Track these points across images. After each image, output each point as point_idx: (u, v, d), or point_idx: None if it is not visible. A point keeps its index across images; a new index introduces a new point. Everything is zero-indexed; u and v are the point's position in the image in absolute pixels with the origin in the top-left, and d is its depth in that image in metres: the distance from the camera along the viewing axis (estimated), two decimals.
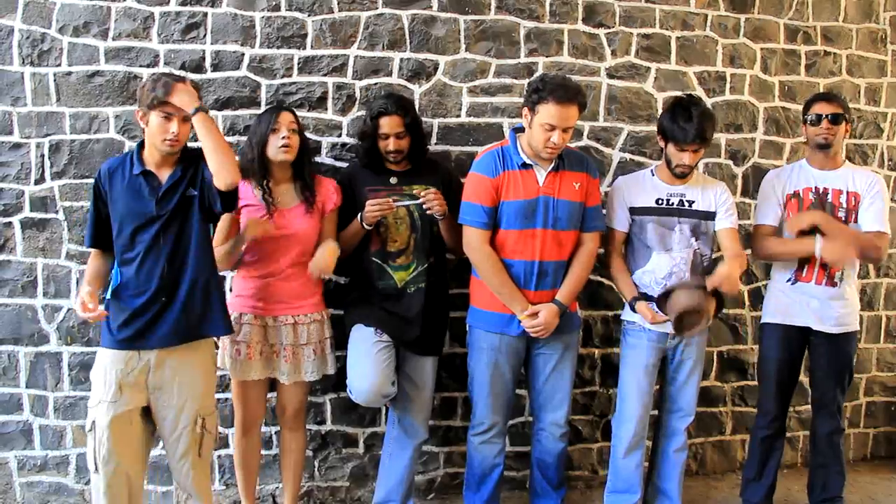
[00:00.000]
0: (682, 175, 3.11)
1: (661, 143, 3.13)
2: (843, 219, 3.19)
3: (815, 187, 3.23)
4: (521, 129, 2.98)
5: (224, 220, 2.93)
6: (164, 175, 2.64)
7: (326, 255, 2.91)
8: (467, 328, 3.18)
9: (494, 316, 3.02)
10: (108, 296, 2.67)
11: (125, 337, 2.61)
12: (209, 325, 2.72)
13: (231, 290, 3.14)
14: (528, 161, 2.92)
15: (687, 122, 2.98)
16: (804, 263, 3.22)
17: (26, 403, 3.42)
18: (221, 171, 2.53)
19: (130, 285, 2.62)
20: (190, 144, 2.68)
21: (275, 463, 3.54)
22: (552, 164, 2.93)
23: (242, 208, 2.97)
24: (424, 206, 3.01)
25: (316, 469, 3.61)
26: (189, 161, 2.67)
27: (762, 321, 3.39)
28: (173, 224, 2.62)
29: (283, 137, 2.92)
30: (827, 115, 3.16)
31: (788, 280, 3.26)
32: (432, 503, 3.70)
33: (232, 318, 2.93)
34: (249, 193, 2.97)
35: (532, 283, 2.96)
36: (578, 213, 3.01)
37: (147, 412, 2.68)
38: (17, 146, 3.33)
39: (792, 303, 3.25)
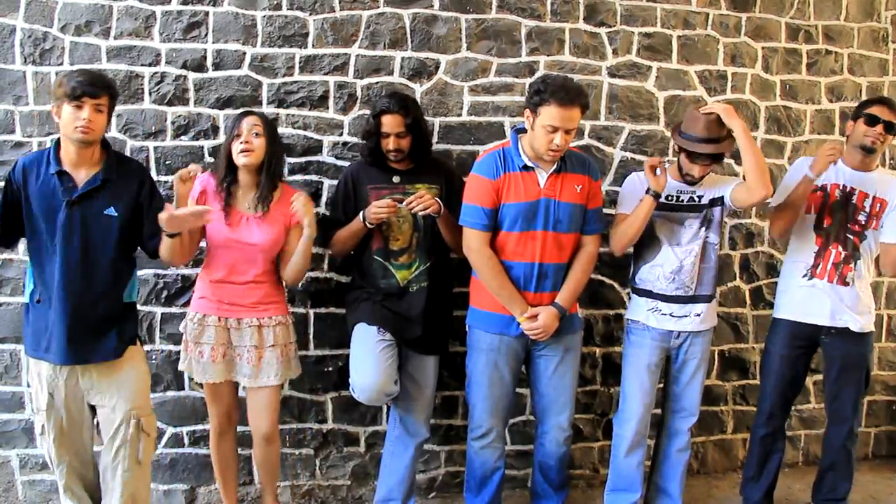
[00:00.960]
0: (690, 183, 3.12)
1: (675, 141, 3.11)
2: (863, 223, 3.18)
3: (844, 185, 3.20)
4: (522, 130, 2.97)
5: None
6: (81, 177, 2.58)
7: (304, 200, 2.87)
8: (467, 328, 3.16)
9: (494, 317, 3.01)
10: (27, 299, 2.67)
11: (35, 348, 2.62)
12: (100, 348, 2.64)
13: (194, 291, 3.07)
14: (530, 163, 2.91)
15: (698, 132, 2.99)
16: (819, 259, 3.21)
17: (28, 402, 3.42)
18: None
19: (36, 291, 2.60)
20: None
21: None
22: (554, 166, 2.92)
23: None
24: (410, 210, 3.00)
25: (317, 468, 3.61)
26: (119, 174, 2.63)
27: (774, 316, 3.38)
28: (83, 232, 2.56)
29: (244, 142, 2.84)
30: (884, 121, 3.10)
31: (805, 276, 3.24)
32: (433, 502, 3.71)
33: (195, 318, 2.95)
34: (213, 191, 2.93)
35: (532, 285, 2.95)
36: (580, 215, 2.99)
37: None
38: (18, 145, 3.32)
39: (805, 300, 3.23)
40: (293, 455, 3.58)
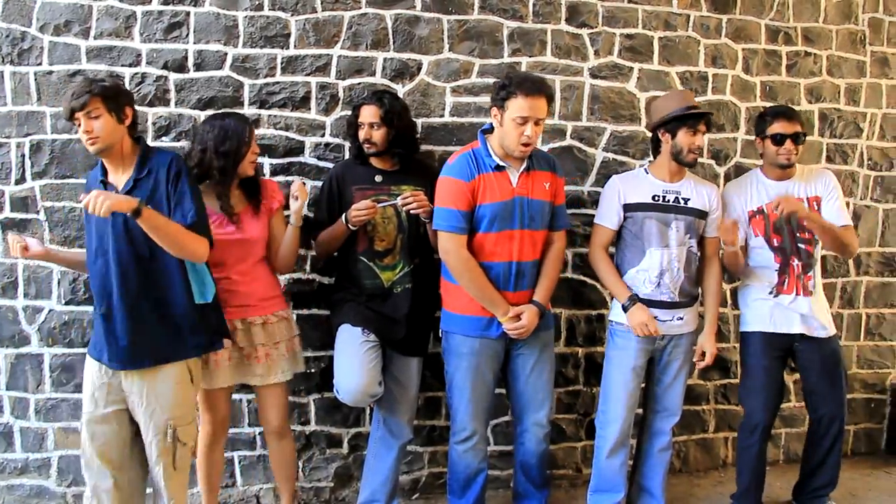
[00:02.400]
0: (693, 163, 3.14)
1: (665, 138, 3.13)
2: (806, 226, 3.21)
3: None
4: (488, 131, 2.99)
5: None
6: (120, 181, 2.58)
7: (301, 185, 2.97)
8: (441, 334, 3.12)
9: (473, 320, 2.99)
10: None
11: (92, 346, 2.66)
12: (164, 350, 2.63)
13: None
14: (502, 163, 2.91)
15: (683, 104, 3.09)
16: (784, 276, 3.23)
17: (7, 405, 3.39)
18: (190, 256, 2.58)
19: (98, 296, 2.62)
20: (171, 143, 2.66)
21: (258, 463, 3.54)
22: (524, 165, 2.94)
23: None
24: (402, 206, 3.00)
25: (300, 469, 3.59)
26: (150, 170, 2.60)
27: (742, 330, 3.38)
28: (127, 235, 2.53)
29: (255, 153, 2.95)
30: (790, 135, 3.15)
31: (770, 293, 3.26)
32: (417, 503, 3.70)
33: None
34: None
35: (511, 284, 2.96)
36: (549, 212, 3.03)
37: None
38: None
39: (776, 311, 3.25)
40: None
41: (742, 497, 3.44)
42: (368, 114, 3.08)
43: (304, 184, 3.06)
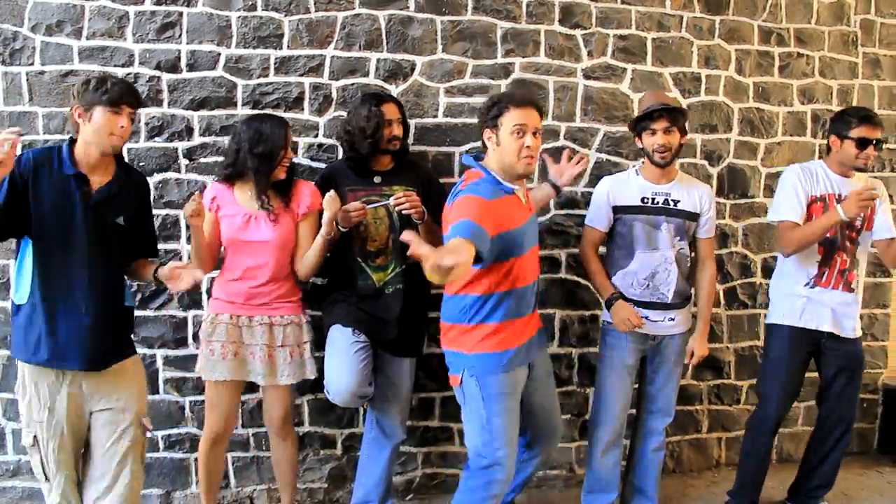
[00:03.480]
0: (663, 163, 3.10)
1: (639, 143, 3.16)
2: (859, 227, 3.24)
3: (839, 194, 3.22)
4: (477, 158, 2.80)
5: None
6: (96, 181, 2.52)
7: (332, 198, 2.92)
8: (464, 379, 2.73)
9: (506, 354, 2.71)
10: (20, 300, 2.51)
11: (45, 357, 2.48)
12: (126, 346, 2.68)
13: (209, 293, 3.10)
14: (513, 186, 2.72)
15: (649, 104, 3.11)
16: (824, 268, 3.24)
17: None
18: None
19: (33, 293, 2.47)
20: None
21: (252, 465, 3.53)
22: (525, 182, 2.85)
23: (221, 218, 2.98)
24: (396, 207, 2.98)
25: None
26: (125, 184, 2.61)
27: (770, 321, 3.39)
28: (98, 239, 2.51)
29: (288, 157, 2.97)
30: (874, 141, 3.16)
31: (807, 284, 3.26)
32: None
33: (209, 318, 2.98)
34: (228, 200, 2.97)
35: (533, 304, 2.85)
36: None
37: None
38: None
39: (808, 306, 3.25)
40: (269, 458, 3.55)
41: (739, 493, 3.45)
42: (393, 111, 3.09)
43: (335, 197, 2.94)
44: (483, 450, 2.70)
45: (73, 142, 2.54)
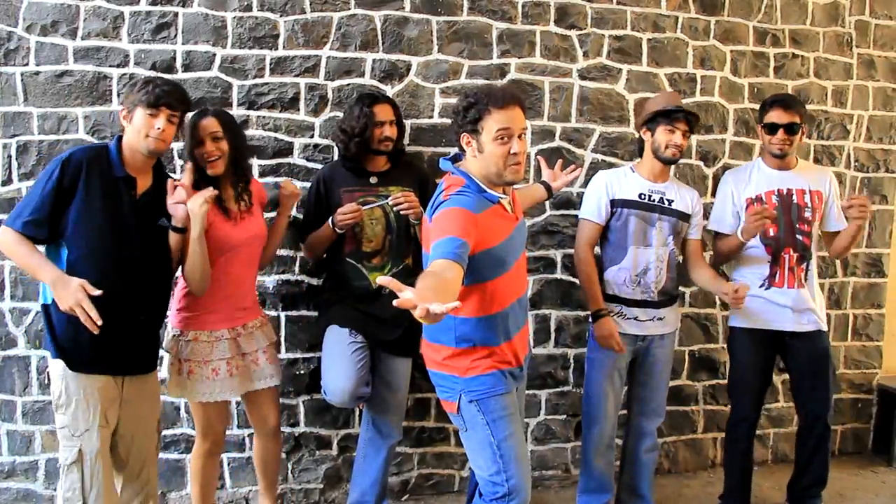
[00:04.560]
0: (673, 160, 3.12)
1: (647, 136, 3.14)
2: (810, 218, 3.22)
3: (779, 189, 3.23)
4: (455, 159, 2.56)
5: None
6: (141, 184, 2.54)
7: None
8: (461, 406, 2.46)
9: (504, 373, 2.50)
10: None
11: (103, 360, 2.45)
12: (155, 356, 2.74)
13: (180, 308, 2.85)
14: (499, 195, 2.46)
15: (668, 104, 3.10)
16: (775, 268, 3.23)
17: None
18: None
19: (100, 299, 2.34)
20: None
21: (248, 465, 3.52)
22: (510, 189, 2.56)
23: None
24: (395, 207, 2.99)
25: (289, 471, 3.59)
26: (162, 183, 2.63)
27: (731, 325, 3.39)
28: (145, 241, 2.54)
29: (207, 152, 2.77)
30: (783, 125, 3.15)
31: (762, 286, 3.25)
32: None
33: (201, 339, 2.82)
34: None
35: (523, 318, 2.63)
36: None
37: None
38: None
39: (765, 307, 3.25)
40: None
41: (729, 496, 3.45)
42: (386, 112, 3.08)
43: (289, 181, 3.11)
44: (497, 478, 2.43)
45: (119, 140, 2.54)
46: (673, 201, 3.17)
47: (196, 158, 2.79)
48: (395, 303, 1.75)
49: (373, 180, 3.14)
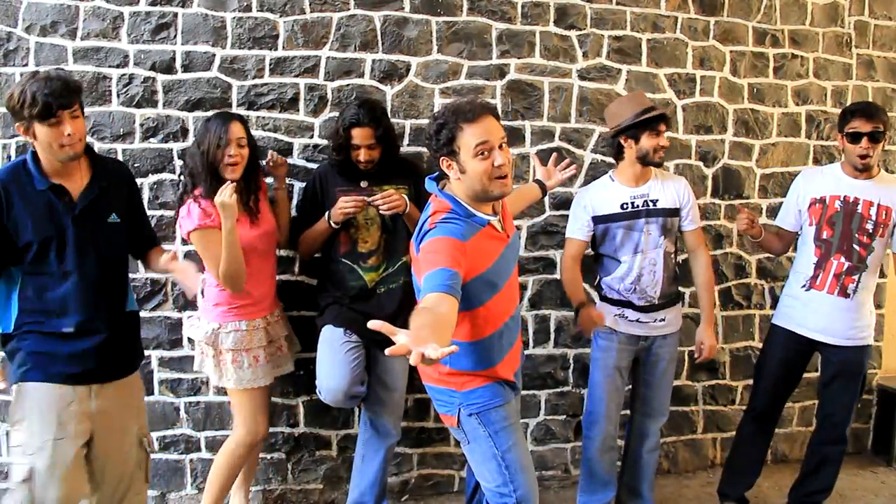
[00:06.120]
0: (660, 163, 3.14)
1: (628, 143, 3.10)
2: (871, 231, 3.14)
3: (845, 196, 3.17)
4: (439, 178, 2.46)
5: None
6: (76, 188, 2.37)
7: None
8: (462, 419, 2.43)
9: (502, 384, 2.47)
10: (18, 324, 2.36)
11: (66, 372, 2.34)
12: (138, 357, 2.66)
13: (217, 304, 2.97)
14: (488, 217, 2.36)
15: (642, 107, 3.09)
16: (818, 270, 3.20)
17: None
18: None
19: (25, 315, 2.34)
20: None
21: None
22: (499, 207, 2.45)
23: (195, 230, 2.83)
24: (378, 207, 3.02)
25: (289, 472, 3.59)
26: (110, 178, 2.47)
27: (772, 322, 3.41)
28: (95, 246, 2.39)
29: (231, 155, 2.87)
30: (867, 134, 3.06)
31: (803, 286, 3.24)
32: None
33: (238, 328, 2.97)
34: (197, 214, 2.83)
35: (515, 332, 2.56)
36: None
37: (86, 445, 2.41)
38: None
39: (802, 310, 3.24)
40: (265, 459, 3.56)
41: (726, 483, 3.46)
42: (364, 135, 3.00)
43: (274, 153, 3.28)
44: (504, 489, 2.41)
45: (36, 153, 2.35)
46: (658, 200, 3.16)
47: (212, 157, 2.86)
48: (387, 352, 1.70)
49: (363, 184, 3.14)
